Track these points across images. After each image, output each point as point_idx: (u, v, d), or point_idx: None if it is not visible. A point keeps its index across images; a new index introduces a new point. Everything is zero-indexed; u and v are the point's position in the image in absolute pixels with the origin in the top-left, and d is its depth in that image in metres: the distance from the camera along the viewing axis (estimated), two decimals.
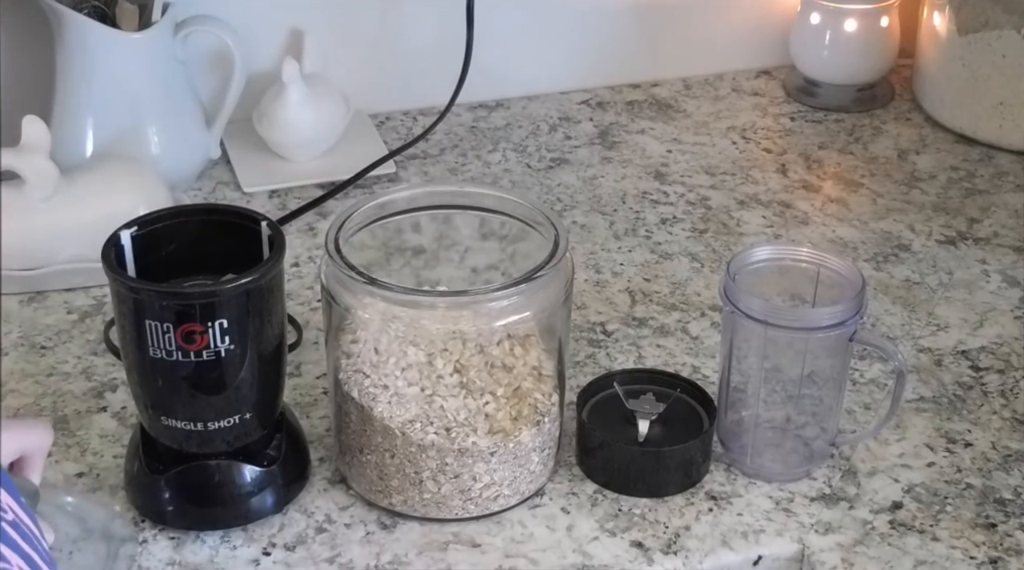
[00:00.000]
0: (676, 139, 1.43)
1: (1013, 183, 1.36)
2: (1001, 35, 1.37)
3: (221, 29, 1.30)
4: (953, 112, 1.43)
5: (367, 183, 1.33)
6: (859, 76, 1.48)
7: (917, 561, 0.93)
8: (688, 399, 1.02)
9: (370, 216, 0.98)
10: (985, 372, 1.11)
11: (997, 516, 0.97)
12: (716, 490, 0.99)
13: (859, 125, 1.46)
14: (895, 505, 0.98)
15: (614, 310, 1.17)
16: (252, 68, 1.34)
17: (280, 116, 1.32)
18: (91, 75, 1.25)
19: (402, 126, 1.44)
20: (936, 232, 1.28)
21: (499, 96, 1.49)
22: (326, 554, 0.94)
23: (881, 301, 1.18)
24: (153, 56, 1.27)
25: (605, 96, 1.50)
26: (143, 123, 1.28)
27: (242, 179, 1.33)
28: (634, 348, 1.12)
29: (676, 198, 1.33)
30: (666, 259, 1.24)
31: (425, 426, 0.93)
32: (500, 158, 1.39)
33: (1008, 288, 1.21)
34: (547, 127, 1.45)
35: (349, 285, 0.92)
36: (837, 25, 1.46)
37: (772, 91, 1.52)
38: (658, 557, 0.94)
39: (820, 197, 1.33)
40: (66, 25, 1.24)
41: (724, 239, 1.27)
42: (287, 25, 1.40)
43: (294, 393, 1.07)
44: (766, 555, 0.95)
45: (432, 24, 1.43)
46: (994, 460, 1.02)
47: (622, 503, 0.98)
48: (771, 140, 1.43)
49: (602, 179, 1.36)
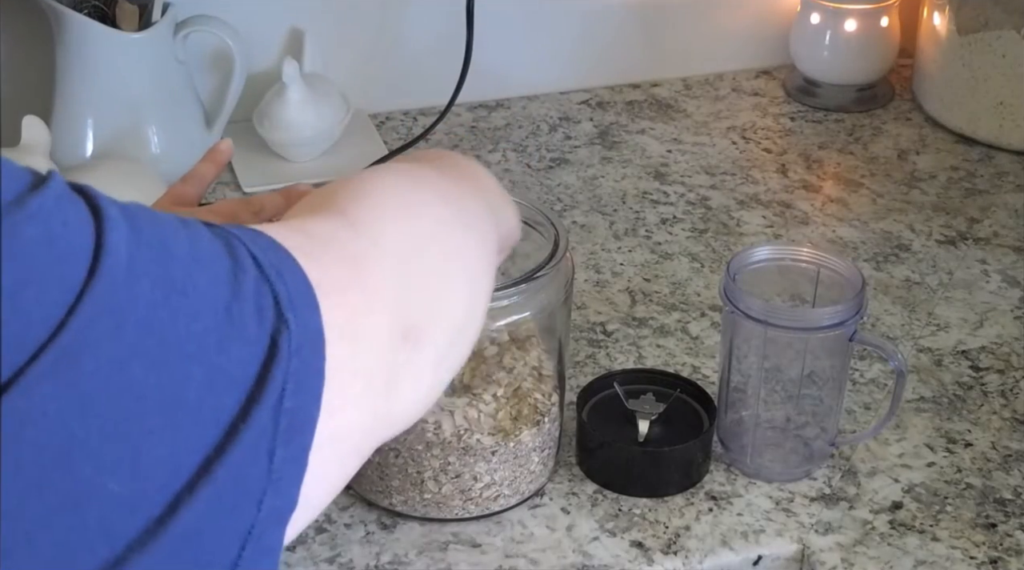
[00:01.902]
0: (676, 139, 1.43)
1: (1013, 183, 1.36)
2: (1001, 35, 1.37)
3: (221, 29, 1.30)
4: (953, 112, 1.43)
5: None
6: (859, 76, 1.48)
7: (917, 561, 0.93)
8: (688, 399, 1.02)
9: None
10: (985, 372, 1.11)
11: (997, 516, 0.97)
12: (716, 490, 0.99)
13: (859, 125, 1.46)
14: (895, 505, 0.98)
15: (614, 310, 1.17)
16: (252, 68, 1.34)
17: (280, 116, 1.33)
18: (91, 75, 1.26)
19: (402, 126, 1.44)
20: (936, 232, 1.28)
21: (499, 96, 1.49)
22: (326, 554, 0.94)
23: (881, 301, 1.18)
24: (153, 56, 1.27)
25: (605, 96, 1.50)
26: (143, 123, 1.28)
27: (242, 179, 1.33)
28: (634, 348, 1.12)
29: (676, 198, 1.33)
30: (666, 259, 1.24)
31: (428, 424, 0.93)
32: (500, 158, 1.39)
33: (1008, 288, 1.21)
34: (547, 127, 1.45)
35: None
36: (837, 25, 1.46)
37: (772, 91, 1.52)
38: (658, 557, 0.94)
39: (820, 197, 1.33)
40: (66, 25, 1.24)
41: (724, 239, 1.27)
42: (287, 25, 1.40)
43: None
44: (766, 555, 0.95)
45: (432, 24, 1.43)
46: (994, 460, 1.02)
47: (622, 503, 0.98)
48: (771, 140, 1.43)
49: (602, 179, 1.36)
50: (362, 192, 0.62)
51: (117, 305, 0.46)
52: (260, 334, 0.49)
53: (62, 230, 0.45)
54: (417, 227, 0.62)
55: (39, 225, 0.45)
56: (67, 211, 0.46)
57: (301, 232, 0.56)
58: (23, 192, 0.45)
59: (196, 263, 0.49)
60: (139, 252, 0.47)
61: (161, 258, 0.48)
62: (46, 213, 0.45)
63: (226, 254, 0.50)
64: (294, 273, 0.52)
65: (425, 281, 0.60)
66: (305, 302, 0.51)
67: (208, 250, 0.50)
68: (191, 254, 0.49)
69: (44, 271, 0.45)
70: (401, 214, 0.62)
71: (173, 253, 0.48)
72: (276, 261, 0.52)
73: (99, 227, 0.47)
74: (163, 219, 0.50)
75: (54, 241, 0.45)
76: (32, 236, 0.45)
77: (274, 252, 0.52)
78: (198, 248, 0.50)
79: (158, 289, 0.47)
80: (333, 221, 0.58)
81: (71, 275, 0.45)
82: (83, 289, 0.45)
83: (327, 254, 0.55)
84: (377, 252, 0.57)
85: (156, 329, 0.47)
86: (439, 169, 0.72)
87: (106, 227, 0.47)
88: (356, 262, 0.56)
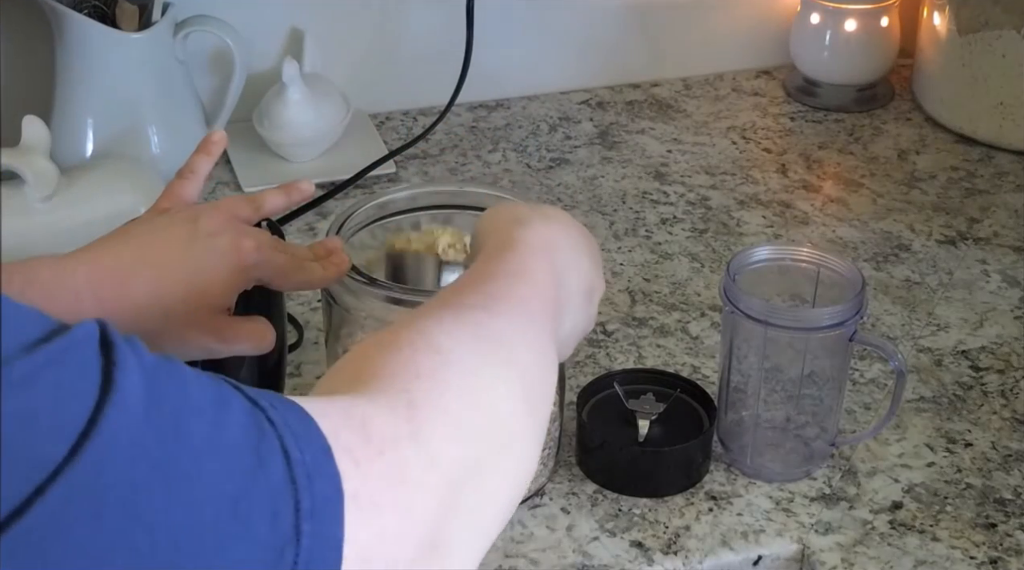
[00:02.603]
0: (676, 139, 1.43)
1: (1013, 183, 1.36)
2: (1001, 35, 1.37)
3: (221, 29, 1.30)
4: (953, 112, 1.43)
5: (367, 183, 1.33)
6: (859, 76, 1.48)
7: (917, 561, 0.93)
8: (688, 399, 1.02)
9: (370, 216, 0.98)
10: (985, 372, 1.11)
11: (997, 516, 0.97)
12: (716, 490, 0.99)
13: (859, 125, 1.46)
14: (895, 505, 0.98)
15: (614, 310, 1.17)
16: (252, 68, 1.34)
17: (280, 116, 1.33)
18: (91, 75, 1.25)
19: (402, 126, 1.44)
20: (936, 232, 1.28)
21: (499, 96, 1.49)
22: None
23: (881, 301, 1.18)
24: (153, 56, 1.27)
25: (605, 96, 1.50)
26: (143, 123, 1.28)
27: (242, 179, 1.33)
28: (634, 348, 1.12)
29: (676, 198, 1.33)
30: (666, 259, 1.24)
31: None
32: (500, 158, 1.39)
33: (1008, 288, 1.21)
34: (547, 127, 1.45)
35: (349, 285, 0.92)
36: (837, 25, 1.46)
37: (772, 91, 1.52)
38: (658, 557, 0.94)
39: (820, 197, 1.33)
40: (66, 25, 1.24)
41: (724, 239, 1.27)
42: (287, 25, 1.40)
43: (294, 393, 1.06)
44: (766, 555, 0.95)
45: (432, 24, 1.43)
46: (994, 460, 1.02)
47: (622, 503, 0.98)
48: (771, 140, 1.43)
49: (602, 179, 1.36)
50: (432, 367, 0.58)
51: (96, 487, 0.42)
52: (272, 539, 0.46)
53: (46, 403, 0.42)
54: (477, 448, 0.58)
55: (19, 395, 0.41)
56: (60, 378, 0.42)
57: (361, 431, 0.52)
58: (15, 352, 0.42)
59: (210, 450, 0.46)
60: (142, 431, 0.44)
61: (168, 439, 0.44)
62: (31, 379, 0.42)
63: (250, 448, 0.47)
64: (329, 480, 0.49)
65: (472, 505, 0.57)
66: (330, 514, 0.48)
67: (230, 439, 0.46)
68: (208, 439, 0.46)
69: (17, 446, 0.41)
70: (466, 415, 0.57)
71: (185, 435, 0.45)
72: (313, 461, 0.48)
73: (101, 400, 0.43)
74: (192, 394, 0.47)
75: (35, 415, 0.41)
76: (9, 409, 0.41)
77: (315, 450, 0.49)
78: (219, 434, 0.46)
79: (156, 473, 0.44)
80: (398, 420, 0.54)
81: (45, 453, 0.41)
82: (59, 468, 0.41)
83: (377, 464, 0.51)
84: (431, 476, 0.54)
85: (144, 518, 0.43)
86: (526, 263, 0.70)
87: (110, 399, 0.43)
88: (405, 484, 0.53)
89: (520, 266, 0.71)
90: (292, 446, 0.48)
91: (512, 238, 0.74)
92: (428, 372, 0.58)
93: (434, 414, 0.56)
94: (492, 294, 0.67)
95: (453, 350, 0.60)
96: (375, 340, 0.61)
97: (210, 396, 0.47)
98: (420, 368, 0.58)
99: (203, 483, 0.45)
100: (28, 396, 0.41)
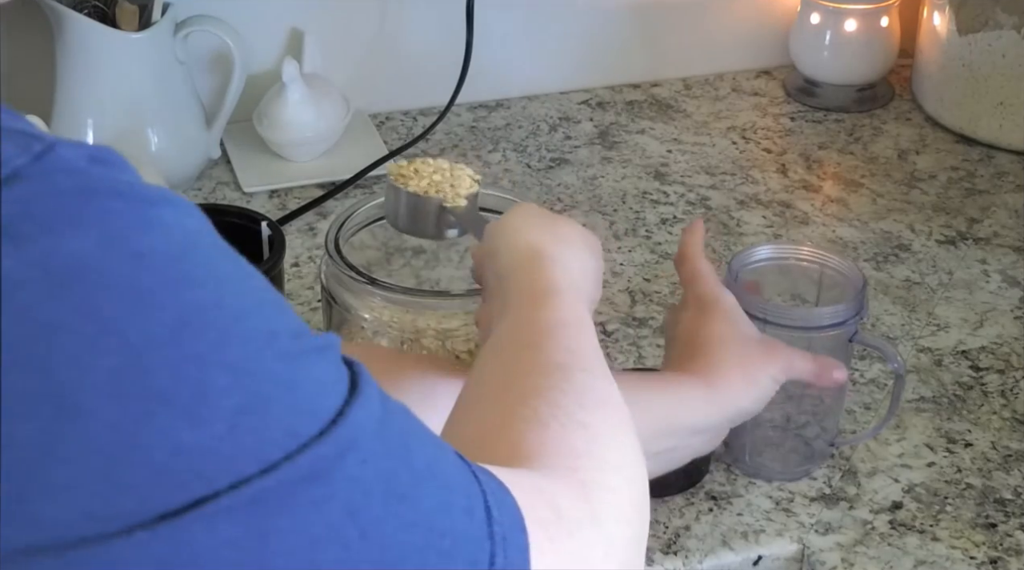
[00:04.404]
0: (676, 139, 1.43)
1: (1013, 183, 1.36)
2: (1001, 35, 1.37)
3: (221, 29, 1.30)
4: (953, 112, 1.43)
5: (367, 183, 1.33)
6: (859, 76, 1.48)
7: (917, 561, 0.93)
8: None
9: (370, 216, 0.98)
10: (985, 372, 1.11)
11: (997, 516, 0.97)
12: (716, 490, 0.99)
13: (859, 125, 1.46)
14: (895, 505, 0.98)
15: (614, 310, 1.17)
16: (252, 68, 1.34)
17: (280, 116, 1.32)
18: (91, 75, 1.25)
19: (402, 126, 1.44)
20: (936, 232, 1.28)
21: (499, 96, 1.49)
22: None
23: (881, 301, 1.18)
24: (153, 56, 1.27)
25: (605, 96, 1.50)
26: (143, 123, 1.28)
27: (242, 179, 1.33)
28: (634, 348, 1.12)
29: (676, 198, 1.33)
30: (666, 259, 1.24)
31: None
32: (500, 158, 1.39)
33: (1008, 288, 1.21)
34: (547, 127, 1.45)
35: (349, 285, 0.92)
36: (837, 25, 1.46)
37: (772, 91, 1.52)
38: (658, 557, 0.93)
39: (820, 197, 1.33)
40: (66, 25, 1.24)
41: (724, 239, 1.27)
42: (287, 25, 1.40)
43: None
44: (766, 555, 0.95)
45: (432, 24, 1.43)
46: (994, 460, 1.02)
47: None
48: (771, 140, 1.43)
49: (602, 179, 1.36)
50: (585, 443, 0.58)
51: (331, 475, 0.44)
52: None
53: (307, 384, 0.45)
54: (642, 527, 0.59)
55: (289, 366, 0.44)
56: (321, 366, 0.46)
57: (554, 508, 0.53)
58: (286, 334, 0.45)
59: (430, 477, 0.47)
60: (375, 439, 0.46)
61: (395, 454, 0.47)
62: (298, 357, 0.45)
63: (463, 489, 0.48)
64: (519, 551, 0.50)
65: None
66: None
67: (448, 473, 0.48)
68: (429, 466, 0.48)
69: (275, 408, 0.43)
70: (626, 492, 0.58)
71: (410, 455, 0.47)
72: (509, 525, 0.50)
73: (350, 398, 0.46)
74: (416, 421, 0.49)
75: (297, 387, 0.44)
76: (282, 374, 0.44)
77: (511, 516, 0.50)
78: (439, 465, 0.48)
79: (380, 483, 0.45)
80: (578, 501, 0.55)
81: (300, 425, 0.44)
82: (307, 443, 0.44)
83: (567, 544, 0.53)
84: (611, 563, 0.55)
85: (359, 520, 0.45)
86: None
87: (357, 400, 0.46)
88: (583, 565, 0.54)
89: (572, 315, 0.71)
90: (492, 504, 0.49)
91: (546, 278, 0.74)
92: (584, 450, 0.58)
93: (605, 495, 0.56)
94: (574, 351, 0.67)
95: (591, 423, 0.60)
96: (504, 411, 0.60)
97: (431, 434, 0.49)
98: (575, 446, 0.58)
99: (418, 508, 0.47)
100: (295, 369, 0.44)
